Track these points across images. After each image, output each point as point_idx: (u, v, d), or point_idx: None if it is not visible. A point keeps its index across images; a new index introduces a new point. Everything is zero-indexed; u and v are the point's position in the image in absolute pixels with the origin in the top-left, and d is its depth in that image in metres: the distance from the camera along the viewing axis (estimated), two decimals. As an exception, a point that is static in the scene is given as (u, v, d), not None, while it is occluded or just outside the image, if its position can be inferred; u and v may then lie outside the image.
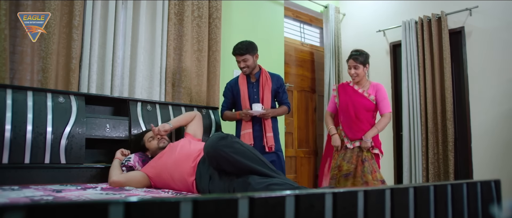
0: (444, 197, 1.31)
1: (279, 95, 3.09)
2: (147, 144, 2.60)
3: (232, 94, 3.08)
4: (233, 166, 1.93)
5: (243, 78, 3.04)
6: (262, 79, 3.00)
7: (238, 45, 2.95)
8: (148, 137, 2.62)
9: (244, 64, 2.94)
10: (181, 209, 0.72)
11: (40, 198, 1.64)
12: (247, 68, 2.95)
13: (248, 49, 2.93)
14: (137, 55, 3.13)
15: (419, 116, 4.19)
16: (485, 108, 3.91)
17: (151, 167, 2.38)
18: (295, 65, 4.79)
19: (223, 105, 3.12)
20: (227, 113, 3.07)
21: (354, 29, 5.04)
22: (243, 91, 2.99)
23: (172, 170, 2.26)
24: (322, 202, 0.96)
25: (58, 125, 2.43)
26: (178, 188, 2.23)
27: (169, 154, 2.38)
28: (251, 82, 3.04)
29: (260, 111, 2.87)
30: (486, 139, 3.87)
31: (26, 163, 2.30)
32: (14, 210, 0.56)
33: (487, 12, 3.95)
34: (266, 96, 2.97)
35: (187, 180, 2.18)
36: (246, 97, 2.98)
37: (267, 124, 2.95)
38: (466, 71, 4.06)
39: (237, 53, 2.94)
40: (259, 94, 2.99)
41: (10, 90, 2.33)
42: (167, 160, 2.34)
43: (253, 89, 3.01)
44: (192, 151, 2.30)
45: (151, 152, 2.58)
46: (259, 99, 2.97)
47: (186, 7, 3.43)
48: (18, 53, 2.59)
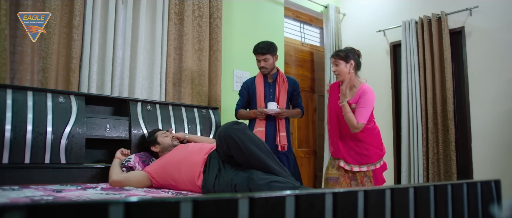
0: (444, 197, 1.31)
1: (294, 98, 3.11)
2: (159, 138, 2.61)
3: (248, 93, 3.10)
4: (242, 153, 1.94)
5: (260, 77, 3.07)
6: (279, 80, 3.03)
7: (260, 44, 2.98)
8: (163, 133, 2.64)
9: (264, 64, 2.97)
10: (181, 209, 0.72)
11: (40, 198, 1.64)
12: (266, 68, 2.98)
13: (270, 49, 2.96)
14: (137, 55, 3.13)
15: (420, 116, 4.19)
16: (485, 108, 3.91)
17: (155, 164, 2.39)
18: (295, 65, 4.79)
19: (238, 103, 3.13)
20: (242, 112, 3.08)
21: (354, 29, 5.04)
22: (260, 90, 3.01)
23: (181, 161, 2.26)
24: (322, 202, 0.96)
25: (58, 125, 2.43)
26: (181, 183, 2.23)
27: (180, 150, 2.41)
28: (268, 82, 3.06)
29: (275, 109, 2.88)
30: (487, 139, 3.87)
31: (26, 163, 2.30)
32: (14, 210, 0.56)
33: (487, 12, 3.95)
34: (282, 96, 2.99)
35: (194, 170, 2.18)
36: (262, 96, 3.00)
37: (281, 124, 2.97)
38: (466, 71, 4.06)
39: (259, 52, 2.97)
40: (275, 94, 3.01)
41: (10, 90, 2.33)
42: (176, 154, 2.36)
43: (269, 89, 3.03)
44: (205, 146, 2.35)
45: (161, 147, 2.58)
46: (275, 99, 2.99)
47: (186, 7, 3.43)
48: (18, 53, 2.59)
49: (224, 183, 2.00)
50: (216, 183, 2.04)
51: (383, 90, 4.69)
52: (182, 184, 2.23)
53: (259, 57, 2.98)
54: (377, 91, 4.70)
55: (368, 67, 4.82)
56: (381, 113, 4.69)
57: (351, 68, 2.63)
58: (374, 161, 2.63)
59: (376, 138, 2.68)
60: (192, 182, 2.18)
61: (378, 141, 2.69)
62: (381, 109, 4.70)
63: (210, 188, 2.07)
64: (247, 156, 1.94)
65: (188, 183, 2.20)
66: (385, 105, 4.67)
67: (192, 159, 2.24)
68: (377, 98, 4.67)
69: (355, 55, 2.68)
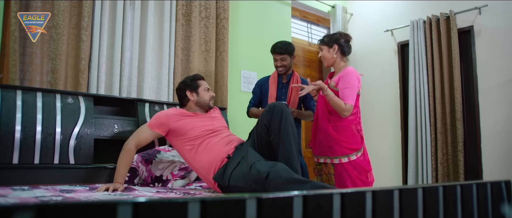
0: (454, 197, 1.30)
1: (306, 100, 3.05)
2: (200, 89, 2.48)
3: (261, 92, 3.09)
4: (280, 129, 2.03)
5: (274, 77, 3.05)
6: (293, 81, 3.00)
7: (278, 44, 2.96)
8: (206, 86, 2.52)
9: (281, 63, 2.95)
10: (189, 209, 0.72)
11: (49, 199, 1.65)
12: (283, 68, 2.96)
13: (288, 49, 2.95)
14: (145, 56, 3.15)
15: (428, 116, 4.15)
16: (495, 108, 3.87)
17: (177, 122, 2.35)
18: (303, 66, 4.78)
19: (251, 101, 3.12)
20: (253, 110, 3.07)
21: (361, 29, 5.02)
22: (272, 90, 3.00)
23: (206, 145, 2.27)
24: (330, 202, 0.95)
25: (67, 125, 2.45)
26: (193, 162, 2.28)
27: (208, 128, 2.35)
28: (282, 82, 3.04)
29: None
30: (496, 139, 3.83)
31: (35, 164, 2.32)
32: (24, 210, 0.56)
33: (497, 11, 3.91)
34: (294, 98, 2.95)
35: (222, 150, 2.21)
36: (274, 96, 2.98)
37: None
38: (475, 71, 4.02)
39: (277, 52, 2.95)
40: (287, 95, 2.98)
41: (20, 91, 2.36)
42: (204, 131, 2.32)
43: (282, 89, 3.01)
44: (235, 139, 2.36)
45: (197, 100, 2.47)
46: (286, 100, 2.97)
47: (193, 8, 3.44)
48: (28, 55, 2.62)
49: (244, 167, 1.99)
50: (234, 172, 2.04)
51: (390, 90, 4.67)
52: (193, 163, 2.27)
53: (276, 56, 2.96)
54: (385, 91, 4.70)
55: (376, 67, 4.80)
56: (388, 113, 4.66)
57: (334, 52, 2.53)
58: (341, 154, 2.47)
59: (351, 137, 2.48)
60: (206, 172, 2.21)
61: (352, 139, 2.49)
62: (388, 109, 4.67)
63: (226, 178, 2.07)
64: (282, 135, 2.01)
65: (199, 169, 2.24)
66: (393, 105, 4.64)
67: (216, 149, 2.24)
68: (384, 98, 4.69)
69: (342, 39, 2.56)
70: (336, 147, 2.46)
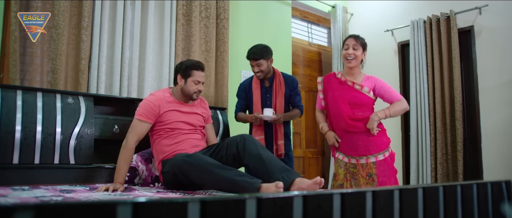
0: (454, 198, 1.30)
1: (292, 98, 2.98)
2: (190, 79, 2.43)
3: (246, 96, 3.03)
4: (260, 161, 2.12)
5: (256, 82, 2.98)
6: (276, 83, 2.93)
7: (252, 50, 2.87)
8: (198, 78, 2.46)
9: (258, 69, 2.86)
10: (189, 210, 0.73)
11: (49, 199, 1.65)
12: (261, 73, 2.88)
13: (263, 54, 2.84)
14: (146, 56, 3.15)
15: (428, 116, 4.16)
16: (495, 108, 3.87)
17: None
18: (303, 65, 4.78)
19: (237, 106, 3.07)
20: (241, 115, 3.02)
21: (362, 29, 5.00)
22: (256, 96, 2.94)
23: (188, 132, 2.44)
24: (330, 202, 0.95)
25: (67, 125, 2.45)
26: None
27: (191, 116, 2.50)
28: (265, 86, 2.97)
29: (271, 116, 2.78)
30: (497, 139, 3.83)
31: (36, 164, 2.32)
32: (24, 210, 0.56)
33: (497, 11, 3.91)
34: (279, 101, 2.90)
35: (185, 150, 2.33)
36: (259, 103, 2.92)
37: (279, 131, 2.89)
38: (475, 71, 4.02)
39: (252, 58, 2.86)
40: (272, 99, 2.92)
41: (20, 91, 2.36)
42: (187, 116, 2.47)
43: (266, 94, 2.95)
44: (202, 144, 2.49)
45: (183, 87, 2.46)
46: (272, 104, 2.91)
47: (194, 8, 3.44)
48: (28, 55, 2.62)
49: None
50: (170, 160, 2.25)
51: (391, 90, 4.66)
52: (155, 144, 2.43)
53: (252, 62, 2.88)
54: (385, 91, 4.69)
55: (376, 67, 4.79)
56: (389, 113, 4.66)
57: (363, 57, 2.59)
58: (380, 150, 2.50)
59: (381, 125, 2.54)
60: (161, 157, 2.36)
61: (383, 129, 2.55)
62: (389, 109, 4.67)
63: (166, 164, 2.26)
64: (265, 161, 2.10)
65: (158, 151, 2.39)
66: (394, 105, 4.63)
67: (182, 147, 2.37)
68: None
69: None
70: (377, 141, 2.48)
